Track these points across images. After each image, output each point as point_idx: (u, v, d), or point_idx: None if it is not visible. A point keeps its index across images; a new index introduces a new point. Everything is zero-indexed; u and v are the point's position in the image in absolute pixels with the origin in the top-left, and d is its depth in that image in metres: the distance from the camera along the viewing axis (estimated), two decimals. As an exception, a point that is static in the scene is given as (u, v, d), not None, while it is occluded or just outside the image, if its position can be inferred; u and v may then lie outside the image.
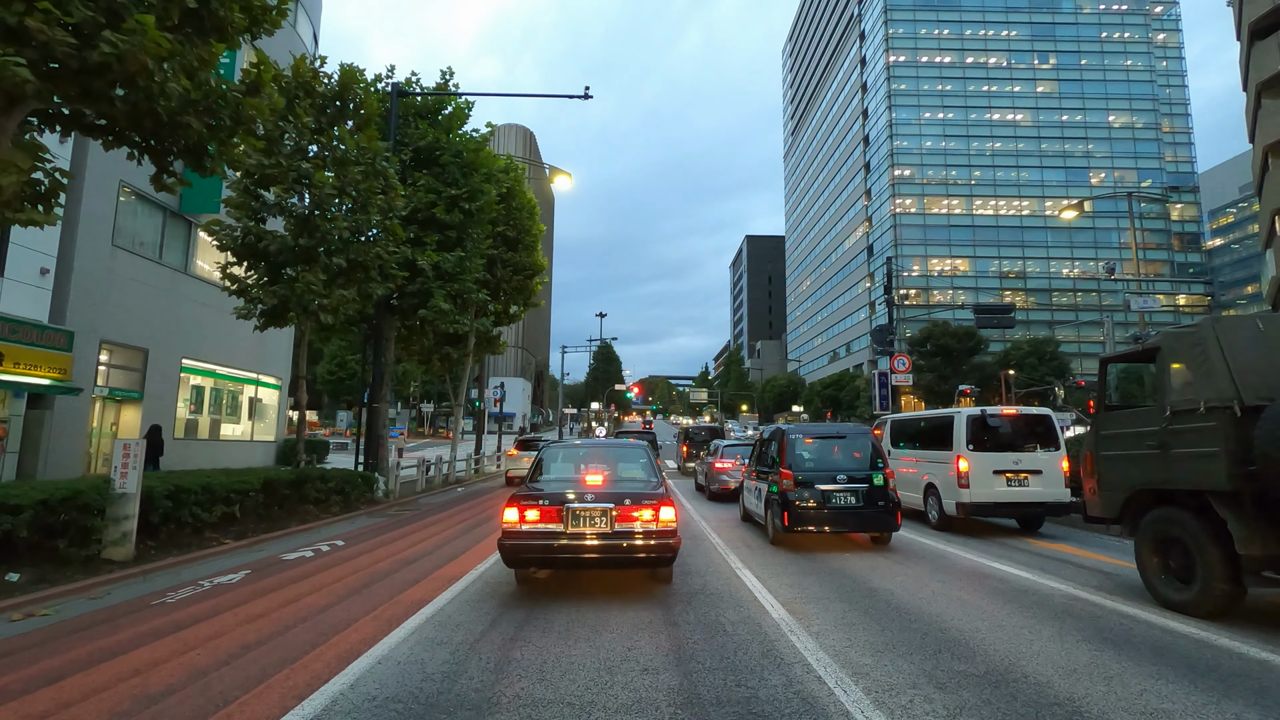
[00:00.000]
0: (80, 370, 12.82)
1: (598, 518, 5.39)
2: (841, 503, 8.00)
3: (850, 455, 8.47)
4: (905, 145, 70.97)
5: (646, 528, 5.38)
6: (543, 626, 4.78)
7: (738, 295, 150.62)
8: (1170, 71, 73.61)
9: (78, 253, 12.90)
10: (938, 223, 70.25)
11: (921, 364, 56.06)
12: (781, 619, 4.96)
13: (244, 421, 19.20)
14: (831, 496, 8.01)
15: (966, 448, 9.21)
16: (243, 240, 10.76)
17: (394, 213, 12.26)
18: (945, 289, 69.71)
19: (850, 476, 8.10)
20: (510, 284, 18.49)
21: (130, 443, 6.83)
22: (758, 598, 5.65)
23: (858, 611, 5.21)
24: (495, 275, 17.88)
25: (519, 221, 18.26)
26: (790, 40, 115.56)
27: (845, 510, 7.98)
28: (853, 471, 8.17)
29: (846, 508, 7.98)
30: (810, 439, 8.79)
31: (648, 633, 4.60)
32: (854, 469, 8.21)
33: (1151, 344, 5.74)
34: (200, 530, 8.27)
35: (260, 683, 3.67)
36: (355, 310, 13.18)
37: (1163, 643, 4.43)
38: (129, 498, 6.80)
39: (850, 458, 8.45)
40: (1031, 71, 72.14)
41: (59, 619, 5.09)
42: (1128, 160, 70.25)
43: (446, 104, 16.15)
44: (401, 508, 13.06)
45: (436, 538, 9.21)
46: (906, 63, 72.26)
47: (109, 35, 5.24)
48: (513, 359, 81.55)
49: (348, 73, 11.49)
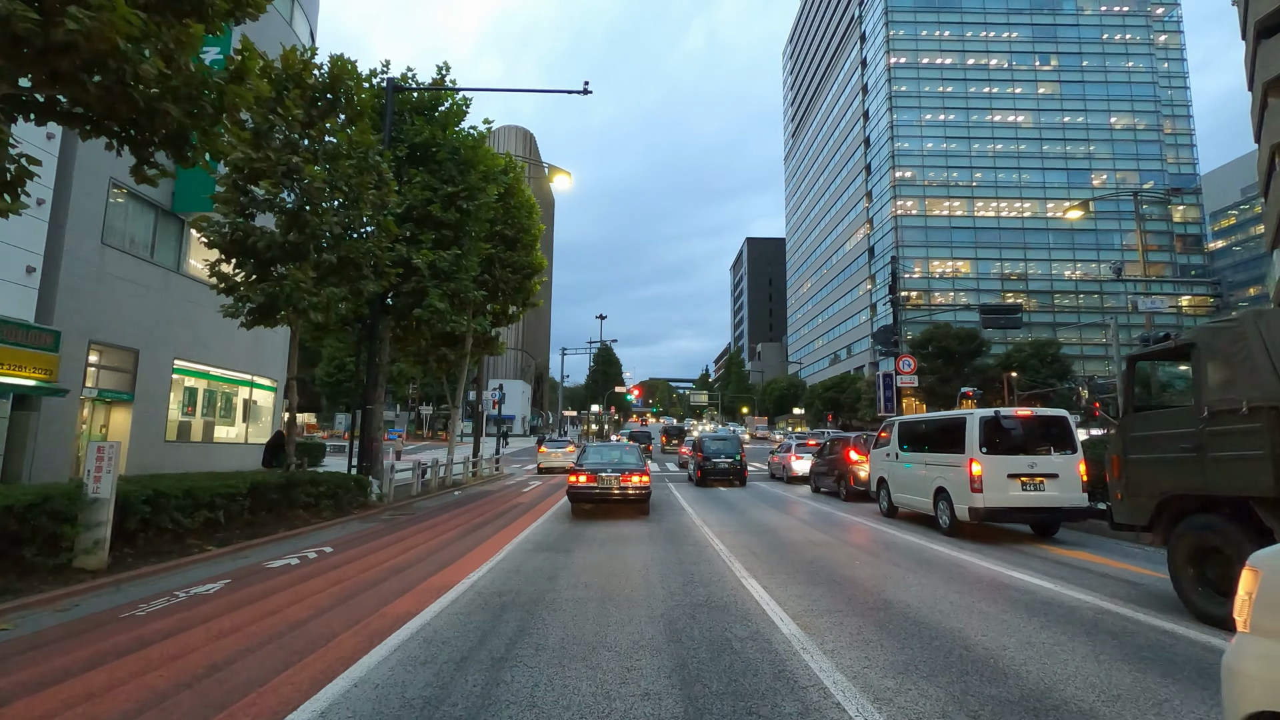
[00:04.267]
0: (68, 371, 12.48)
1: (612, 479, 11.33)
2: (722, 466, 18.80)
3: (729, 445, 19.46)
4: (906, 147, 70.73)
5: (635, 484, 11.43)
6: (536, 643, 4.43)
7: (738, 298, 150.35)
8: (1172, 73, 73.40)
9: (65, 251, 12.57)
10: (939, 224, 69.98)
11: (923, 366, 55.69)
12: (792, 634, 4.61)
13: (239, 424, 18.86)
14: (717, 465, 18.81)
15: (979, 450, 8.86)
16: (231, 236, 10.43)
17: (387, 208, 11.94)
18: (947, 291, 69.41)
19: (727, 455, 19.02)
20: (509, 284, 18.13)
21: (105, 445, 6.50)
22: (705, 531, 5.30)
23: (873, 626, 4.87)
24: (493, 275, 17.54)
25: (518, 220, 17.92)
26: (790, 42, 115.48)
27: (723, 471, 18.76)
28: (729, 454, 18.99)
29: (724, 470, 18.79)
30: (707, 440, 20.14)
31: (648, 652, 4.26)
32: (729, 453, 19.04)
33: (1185, 339, 5.39)
34: (182, 537, 7.92)
35: (222, 709, 3.33)
36: (350, 310, 12.85)
37: (1207, 663, 4.08)
38: (102, 503, 6.46)
39: (728, 446, 19.37)
40: (1033, 73, 71.94)
41: (17, 634, 4.75)
42: (1129, 162, 70.00)
43: (443, 100, 15.84)
44: (396, 512, 12.71)
45: (429, 544, 8.86)
46: (907, 64, 72.06)
47: (74, 11, 4.92)
48: (512, 361, 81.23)
49: (339, 64, 11.17)
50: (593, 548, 8.48)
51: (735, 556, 7.79)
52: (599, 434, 67.23)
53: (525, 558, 7.77)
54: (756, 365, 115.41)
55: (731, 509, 13.22)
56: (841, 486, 15.18)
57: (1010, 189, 70.20)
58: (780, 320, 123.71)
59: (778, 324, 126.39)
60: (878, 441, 12.80)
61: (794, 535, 9.52)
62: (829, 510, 13.04)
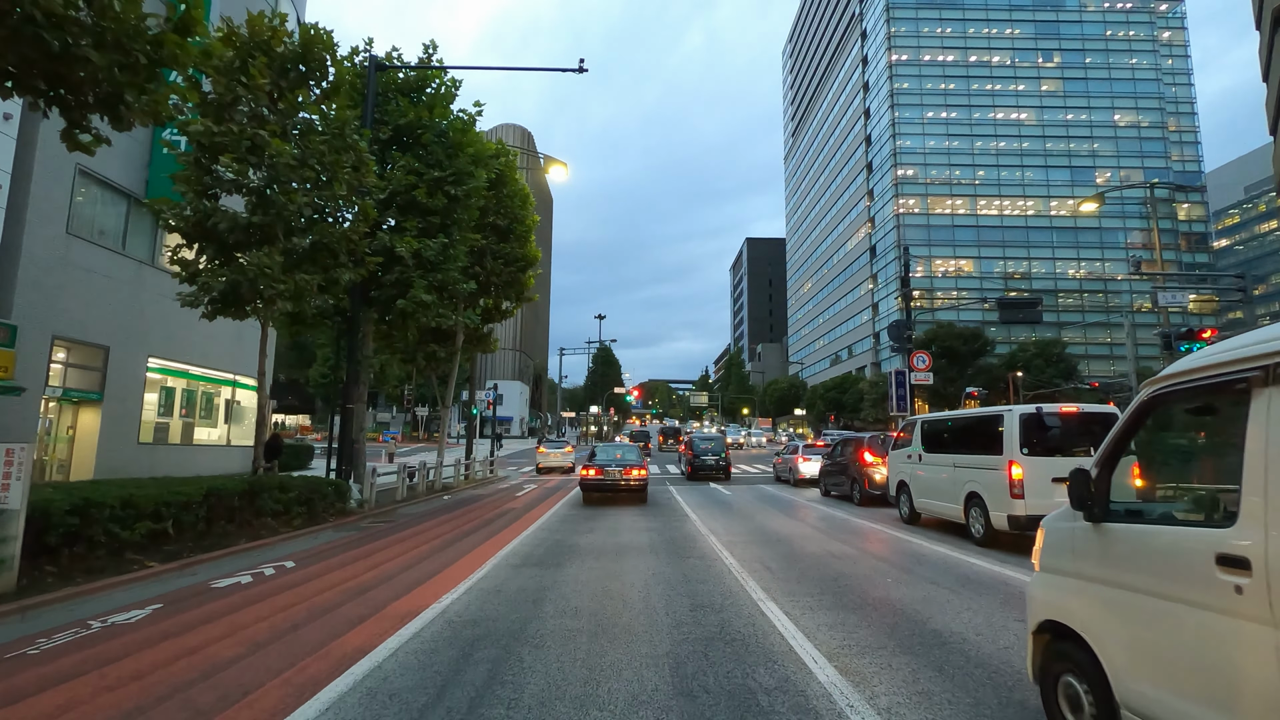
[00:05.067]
0: (27, 368, 11.52)
1: (617, 473, 13.47)
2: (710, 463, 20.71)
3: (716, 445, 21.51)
4: (908, 145, 69.88)
5: (635, 477, 13.62)
6: (509, 697, 3.49)
7: (738, 298, 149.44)
8: (1176, 70, 72.63)
9: (26, 241, 11.63)
10: (942, 223, 69.12)
11: (927, 366, 54.95)
12: (832, 683, 3.67)
13: (221, 425, 17.91)
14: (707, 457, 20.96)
15: (1020, 451, 7.93)
16: (192, 219, 9.50)
17: (365, 190, 11.00)
18: (950, 290, 68.52)
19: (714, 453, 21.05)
20: (501, 277, 17.17)
21: (14, 448, 5.56)
22: (711, 541, 4.36)
23: (931, 670, 3.92)
24: (484, 267, 16.59)
25: (510, 210, 16.97)
26: (790, 41, 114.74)
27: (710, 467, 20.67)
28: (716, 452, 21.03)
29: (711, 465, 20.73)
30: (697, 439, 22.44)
31: (651, 711, 3.32)
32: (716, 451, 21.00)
33: None
34: (120, 551, 6.97)
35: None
36: (330, 302, 11.91)
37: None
38: (9, 515, 5.51)
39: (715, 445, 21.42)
40: (1036, 70, 71.14)
41: None
42: (1134, 159, 69.17)
43: (431, 81, 14.90)
44: (376, 519, 11.76)
45: (404, 558, 7.92)
46: (909, 61, 71.24)
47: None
48: (510, 361, 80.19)
49: (310, 33, 10.22)
50: (587, 562, 7.54)
51: (748, 573, 6.85)
52: (598, 435, 66.28)
53: (509, 575, 6.83)
54: (757, 366, 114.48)
55: (739, 515, 12.28)
56: (855, 490, 14.25)
57: (1014, 187, 69.35)
58: (780, 321, 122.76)
59: (778, 325, 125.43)
60: (896, 442, 11.88)
61: (810, 546, 8.58)
62: (844, 516, 12.09)
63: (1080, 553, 2.76)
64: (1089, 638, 2.61)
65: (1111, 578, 2.55)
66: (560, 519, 11.59)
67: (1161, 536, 2.39)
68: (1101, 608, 2.58)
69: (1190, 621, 2.18)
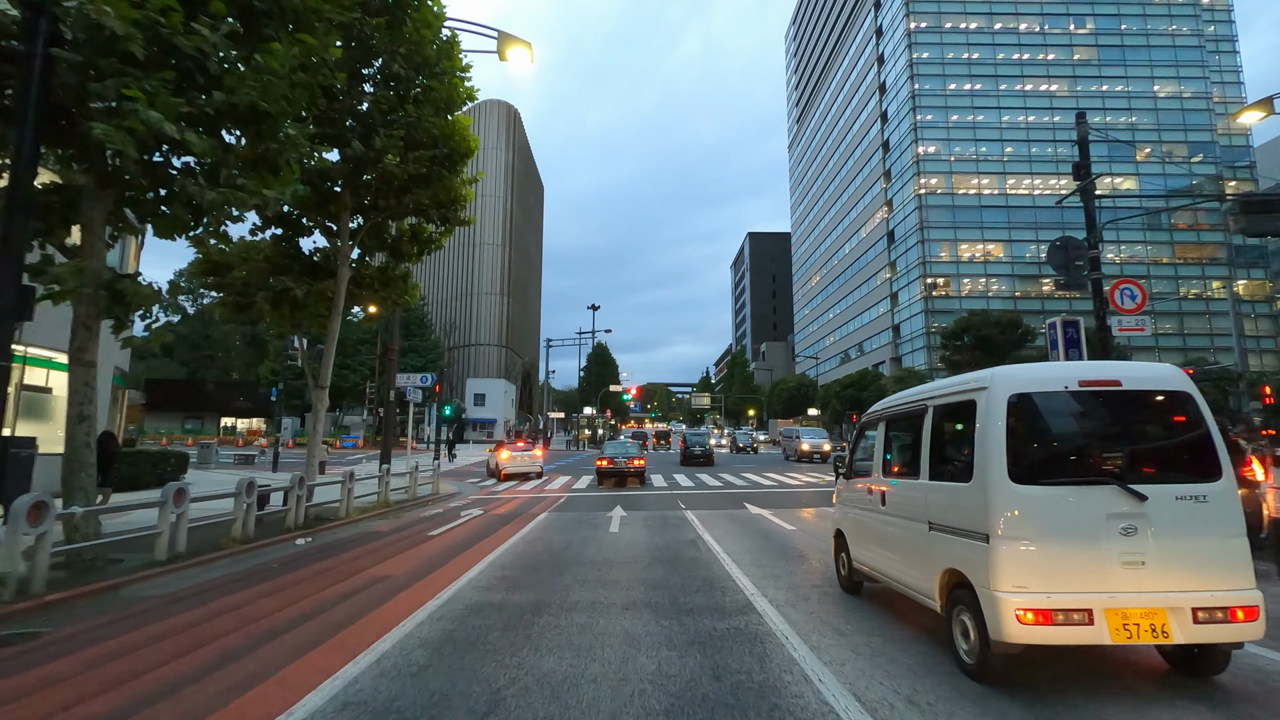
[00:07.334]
0: None
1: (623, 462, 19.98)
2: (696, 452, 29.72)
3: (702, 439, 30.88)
4: (930, 119, 63.75)
5: (636, 464, 20.03)
6: None
7: (739, 296, 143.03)
8: (1220, 36, 66.71)
9: None
10: (968, 203, 62.93)
11: (958, 359, 48.83)
12: None
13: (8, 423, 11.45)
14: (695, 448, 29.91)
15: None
16: None
17: None
18: (978, 276, 62.35)
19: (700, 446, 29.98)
20: (411, 167, 10.70)
21: None
22: None
23: None
24: (375, 146, 10.17)
25: (423, 55, 10.58)
26: (794, 22, 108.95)
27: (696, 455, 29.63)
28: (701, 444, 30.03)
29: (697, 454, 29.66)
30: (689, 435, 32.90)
31: None
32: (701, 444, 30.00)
33: None
34: None
35: None
36: None
37: None
38: None
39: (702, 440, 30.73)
40: (1068, 37, 65.18)
41: None
42: (1177, 133, 63.16)
43: None
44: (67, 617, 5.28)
45: None
46: (929, 29, 65.27)
47: None
48: (495, 357, 73.31)
49: None
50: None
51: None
52: (592, 439, 59.76)
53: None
54: (762, 365, 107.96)
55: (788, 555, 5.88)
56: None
57: (1046, 163, 63.19)
58: (785, 318, 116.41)
59: (782, 322, 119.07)
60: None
61: None
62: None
63: (841, 494, 6.39)
64: (845, 531, 6.08)
65: (849, 502, 6.05)
66: (499, 574, 5.13)
67: (862, 482, 5.77)
68: (847, 517, 6.07)
69: (867, 518, 5.53)
